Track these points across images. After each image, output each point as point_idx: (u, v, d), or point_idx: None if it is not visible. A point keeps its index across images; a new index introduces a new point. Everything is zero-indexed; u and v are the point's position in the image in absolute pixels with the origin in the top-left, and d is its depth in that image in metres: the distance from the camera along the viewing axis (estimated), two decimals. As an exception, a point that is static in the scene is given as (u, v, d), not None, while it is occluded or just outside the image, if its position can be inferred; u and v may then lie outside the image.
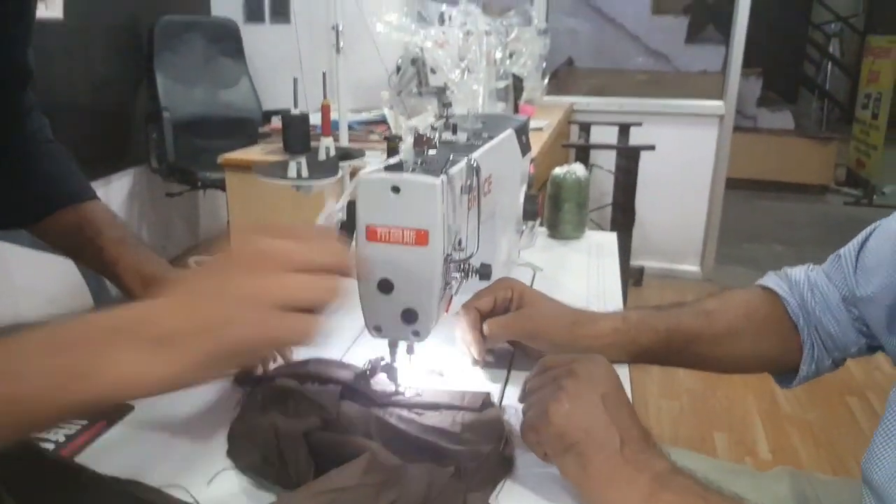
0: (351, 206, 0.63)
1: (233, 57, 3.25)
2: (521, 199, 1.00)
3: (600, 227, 3.20)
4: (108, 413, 0.65)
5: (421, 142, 0.68)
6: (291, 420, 0.60)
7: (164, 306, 0.45)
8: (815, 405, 2.27)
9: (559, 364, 0.61)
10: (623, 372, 0.78)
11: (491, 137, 0.83)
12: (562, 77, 4.64)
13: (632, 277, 3.26)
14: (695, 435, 2.14)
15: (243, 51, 3.29)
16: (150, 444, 0.61)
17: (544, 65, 2.96)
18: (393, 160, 0.65)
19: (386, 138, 0.69)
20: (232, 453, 0.60)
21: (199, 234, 3.56)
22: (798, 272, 0.82)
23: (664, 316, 0.80)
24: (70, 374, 0.42)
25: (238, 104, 3.20)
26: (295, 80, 1.04)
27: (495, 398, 0.70)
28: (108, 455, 0.60)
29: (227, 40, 3.24)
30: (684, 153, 3.27)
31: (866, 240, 0.77)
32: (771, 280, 0.83)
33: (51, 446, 0.60)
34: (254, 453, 0.58)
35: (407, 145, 0.68)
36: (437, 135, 0.78)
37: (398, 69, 2.14)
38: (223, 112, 3.13)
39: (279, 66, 3.36)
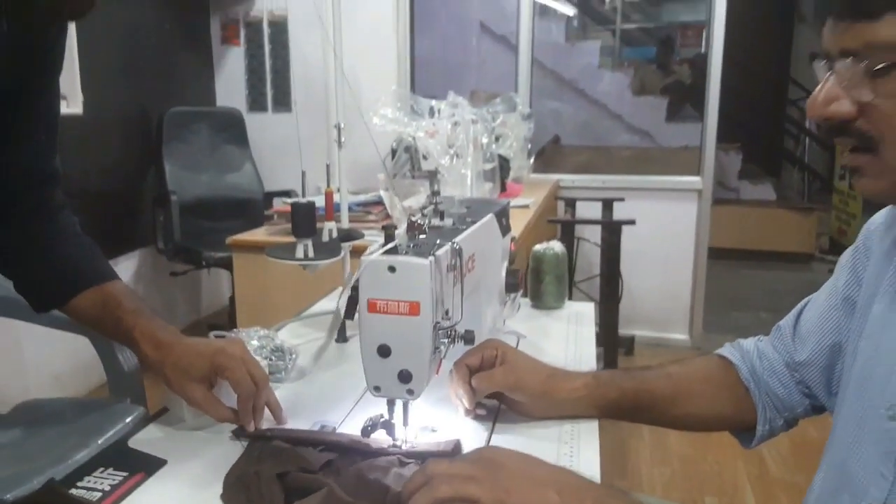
0: (356, 285, 0.75)
1: (237, 144, 3.45)
2: (503, 274, 1.13)
3: (589, 297, 3.32)
4: (146, 466, 0.75)
5: (413, 227, 0.81)
6: (274, 466, 0.71)
7: None
8: (802, 468, 2.33)
9: (448, 468, 0.62)
10: (593, 425, 0.88)
11: (474, 222, 0.96)
12: (549, 154, 4.86)
13: (623, 346, 3.36)
14: (686, 499, 2.19)
15: (247, 137, 3.49)
16: (179, 491, 0.71)
17: (529, 146, 3.15)
18: (390, 244, 0.77)
19: (384, 227, 0.82)
20: (224, 496, 0.70)
21: (200, 310, 3.67)
22: (749, 343, 0.94)
23: (631, 376, 0.92)
24: None
25: (242, 187, 3.37)
26: (303, 174, 1.17)
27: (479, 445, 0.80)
28: (146, 501, 0.69)
29: (231, 128, 3.44)
30: (667, 226, 3.43)
31: (801, 312, 0.89)
32: (726, 350, 0.95)
33: (98, 495, 0.69)
34: (241, 494, 0.69)
35: (401, 231, 0.81)
36: (427, 220, 0.91)
37: (393, 153, 2.31)
38: (227, 194, 3.30)
39: (280, 151, 3.56)
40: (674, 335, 3.53)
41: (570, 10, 6.73)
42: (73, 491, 0.70)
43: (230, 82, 3.67)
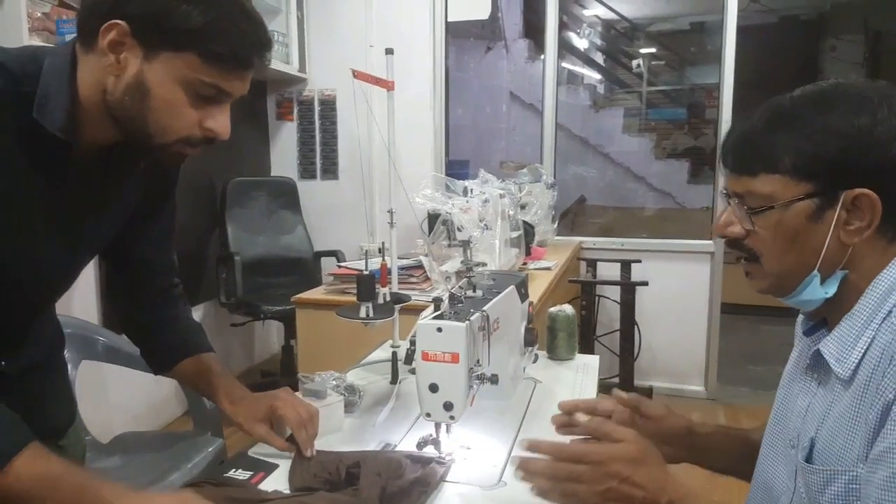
0: (413, 340, 1.07)
1: (290, 209, 3.85)
2: (523, 332, 1.43)
3: (610, 350, 3.58)
4: (265, 468, 1.06)
5: (454, 299, 1.13)
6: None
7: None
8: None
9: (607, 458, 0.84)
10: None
11: (499, 292, 1.27)
12: (574, 214, 5.19)
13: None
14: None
15: (299, 203, 3.89)
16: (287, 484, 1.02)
17: (553, 212, 3.48)
18: (437, 312, 1.09)
19: (434, 299, 1.13)
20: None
21: (253, 358, 4.02)
22: None
23: (742, 430, 1.17)
24: None
25: (295, 247, 3.76)
26: (366, 252, 1.50)
27: (498, 466, 1.10)
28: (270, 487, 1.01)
29: (286, 195, 3.85)
30: (682, 285, 3.70)
31: None
32: None
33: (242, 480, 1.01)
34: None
35: (445, 302, 1.13)
36: (463, 293, 1.23)
37: (429, 217, 2.65)
38: (282, 254, 3.69)
39: (328, 214, 3.96)
40: (690, 386, 3.76)
41: (596, 75, 7.15)
42: (220, 482, 1.02)
43: (284, 153, 4.10)
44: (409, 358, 1.12)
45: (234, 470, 1.06)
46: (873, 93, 0.79)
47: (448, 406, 1.05)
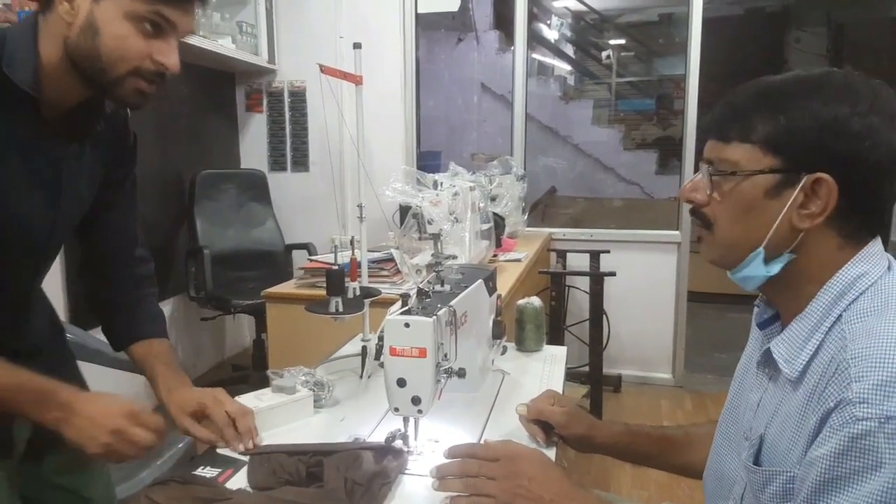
0: (381, 335, 1.08)
1: (260, 202, 3.81)
2: (490, 325, 1.45)
3: (580, 340, 3.63)
4: (233, 464, 1.07)
5: (421, 294, 1.14)
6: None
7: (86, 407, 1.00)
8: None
9: (489, 453, 0.98)
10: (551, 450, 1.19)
11: (466, 286, 1.29)
12: (545, 205, 5.22)
13: (611, 385, 3.65)
14: (661, 520, 2.46)
15: (269, 196, 3.86)
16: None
17: (523, 204, 3.50)
18: (405, 307, 1.10)
19: (401, 295, 1.14)
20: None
21: (224, 352, 3.99)
22: None
23: (654, 427, 1.22)
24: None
25: (265, 240, 3.73)
26: (336, 245, 1.51)
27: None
28: (237, 484, 1.01)
29: (256, 188, 3.81)
30: (650, 274, 3.76)
31: None
32: None
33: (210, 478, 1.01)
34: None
35: (413, 298, 1.14)
36: (431, 287, 1.24)
37: (401, 208, 2.65)
38: (252, 247, 3.66)
39: (298, 207, 3.94)
40: (658, 374, 3.83)
41: (566, 66, 7.19)
42: (189, 479, 1.02)
43: (253, 145, 4.06)
44: (379, 353, 1.14)
45: (202, 467, 1.07)
46: (862, 86, 0.80)
47: (416, 400, 1.07)
